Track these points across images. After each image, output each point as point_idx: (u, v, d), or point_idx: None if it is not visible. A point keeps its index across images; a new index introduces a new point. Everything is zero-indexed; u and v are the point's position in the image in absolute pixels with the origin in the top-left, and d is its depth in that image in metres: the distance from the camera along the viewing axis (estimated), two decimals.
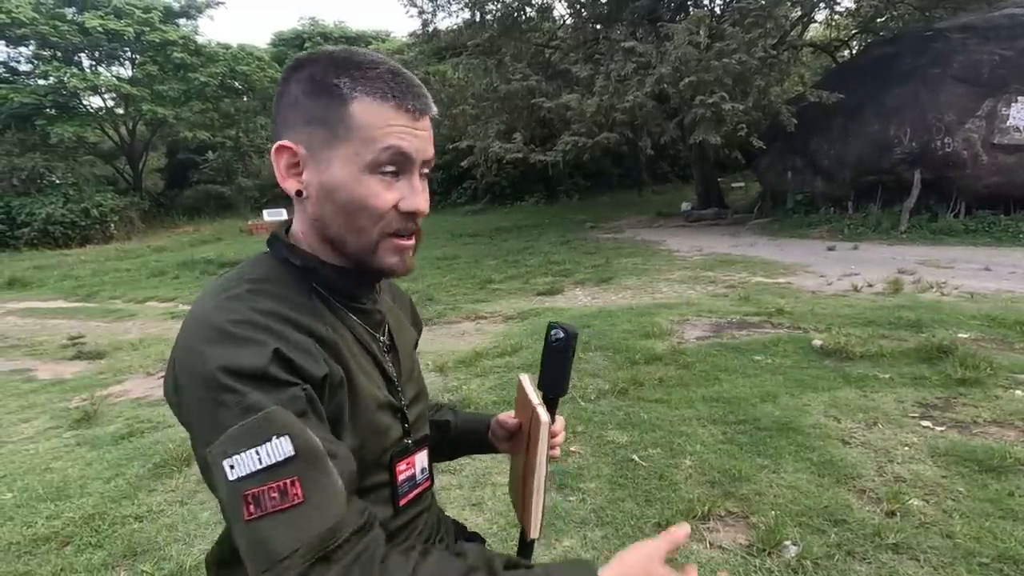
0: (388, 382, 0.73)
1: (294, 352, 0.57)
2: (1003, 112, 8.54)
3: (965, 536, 2.00)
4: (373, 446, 0.69)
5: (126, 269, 12.46)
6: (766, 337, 4.25)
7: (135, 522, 2.53)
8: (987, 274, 6.09)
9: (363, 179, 0.63)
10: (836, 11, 13.40)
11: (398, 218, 0.66)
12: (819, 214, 10.33)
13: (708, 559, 2.03)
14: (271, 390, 0.55)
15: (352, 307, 0.72)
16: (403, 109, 0.64)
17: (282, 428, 0.53)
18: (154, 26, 19.34)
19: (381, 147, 0.62)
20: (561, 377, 0.77)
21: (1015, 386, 3.13)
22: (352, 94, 0.62)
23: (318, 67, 0.64)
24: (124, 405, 4.21)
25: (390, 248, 0.67)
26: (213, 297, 0.62)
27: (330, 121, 0.63)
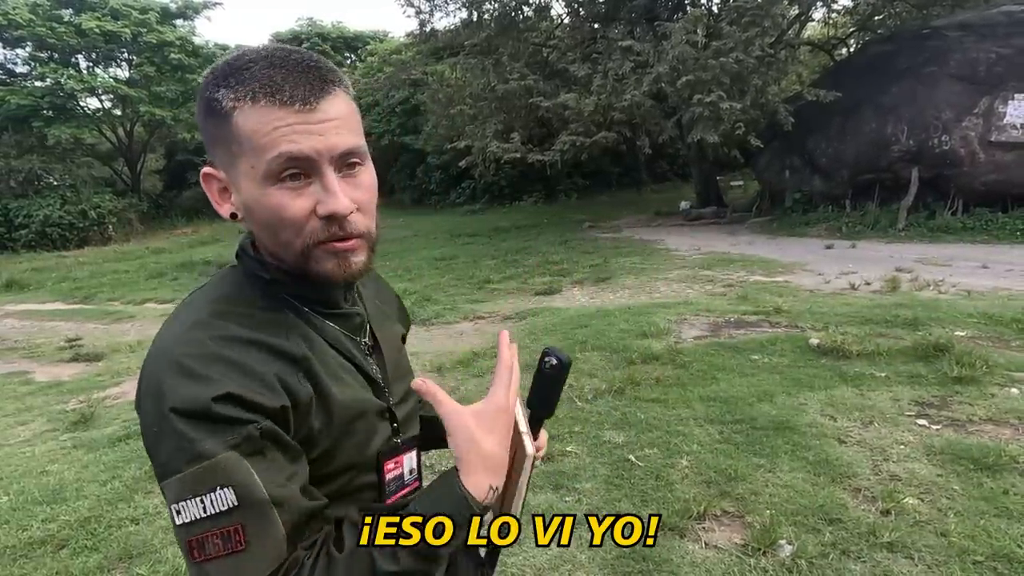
0: (372, 385, 0.72)
1: (249, 389, 0.56)
2: (1000, 110, 8.54)
3: (960, 534, 2.00)
4: (358, 451, 0.68)
5: (124, 271, 12.46)
6: (763, 336, 4.26)
7: (131, 525, 2.53)
8: (984, 272, 6.10)
9: (267, 192, 0.59)
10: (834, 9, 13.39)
11: (321, 226, 0.60)
12: (817, 212, 10.33)
13: (704, 559, 2.03)
14: (223, 431, 0.55)
15: (328, 313, 0.69)
16: (281, 104, 0.57)
17: (227, 479, 0.54)
18: (151, 27, 19.31)
19: (270, 156, 0.57)
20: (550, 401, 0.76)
21: (1011, 384, 3.13)
22: (229, 105, 0.58)
23: (206, 85, 0.61)
24: (121, 407, 4.21)
25: (322, 255, 0.62)
26: (178, 323, 0.62)
27: (223, 140, 0.60)
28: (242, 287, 0.66)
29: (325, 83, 0.59)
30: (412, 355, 3.61)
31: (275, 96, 0.57)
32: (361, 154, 0.62)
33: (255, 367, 0.58)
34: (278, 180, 0.58)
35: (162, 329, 0.63)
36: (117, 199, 19.65)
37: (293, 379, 0.61)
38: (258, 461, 0.56)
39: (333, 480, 0.66)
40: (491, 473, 0.61)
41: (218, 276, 0.69)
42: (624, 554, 2.08)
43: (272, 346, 0.61)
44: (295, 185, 0.59)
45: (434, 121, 14.54)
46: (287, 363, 0.61)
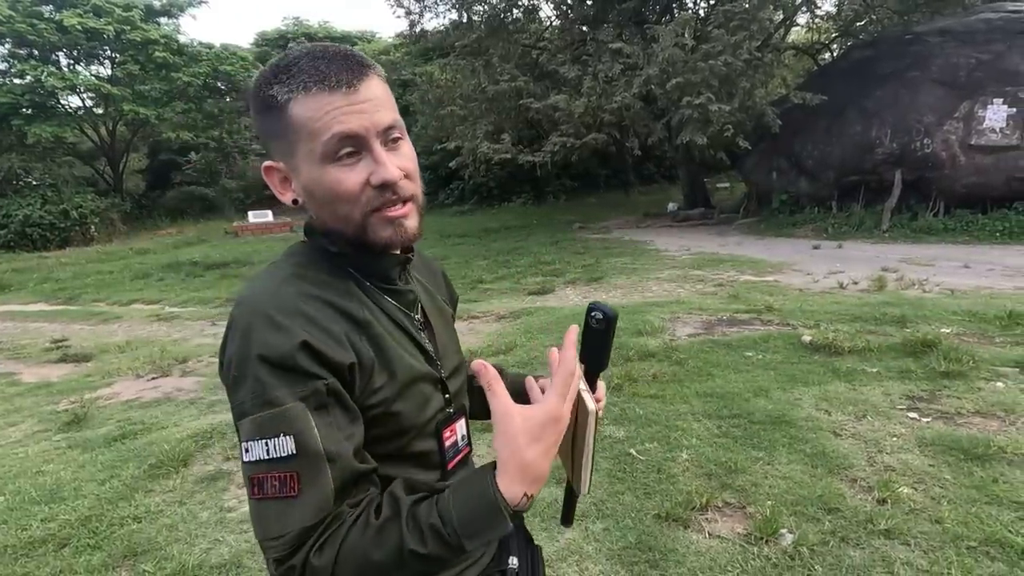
0: (426, 356, 0.77)
1: (323, 342, 0.62)
2: (979, 114, 8.77)
3: (953, 521, 2.07)
4: (418, 414, 0.73)
5: (108, 271, 12.26)
6: (756, 334, 4.33)
7: (133, 523, 2.51)
8: (966, 271, 6.26)
9: (325, 171, 0.66)
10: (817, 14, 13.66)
11: (375, 194, 0.67)
12: (804, 213, 10.51)
13: (708, 548, 2.07)
14: (295, 383, 0.60)
15: (386, 289, 0.75)
16: (331, 90, 0.64)
17: (290, 427, 0.59)
18: (135, 25, 19.05)
19: (325, 138, 0.64)
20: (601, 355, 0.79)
21: (996, 378, 3.23)
22: (284, 98, 0.65)
23: (259, 86, 0.67)
24: (115, 407, 4.16)
25: (379, 222, 0.69)
26: (265, 280, 0.69)
27: (281, 131, 0.66)
28: (313, 258, 0.72)
29: (363, 67, 0.67)
30: None
31: (324, 83, 0.64)
32: (400, 128, 0.70)
33: (329, 324, 0.65)
34: (334, 159, 0.65)
35: (249, 285, 0.69)
36: (99, 199, 19.34)
37: (357, 340, 0.67)
38: (321, 415, 0.61)
39: (391, 441, 0.71)
40: (529, 482, 0.61)
41: (291, 249, 0.75)
42: (630, 544, 2.12)
43: (341, 308, 0.68)
44: (349, 162, 0.66)
45: (423, 122, 14.56)
46: (353, 325, 0.68)
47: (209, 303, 8.39)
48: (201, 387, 4.50)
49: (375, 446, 0.68)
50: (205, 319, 7.39)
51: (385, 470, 0.68)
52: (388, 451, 0.70)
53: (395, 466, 0.71)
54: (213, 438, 3.30)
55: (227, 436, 3.30)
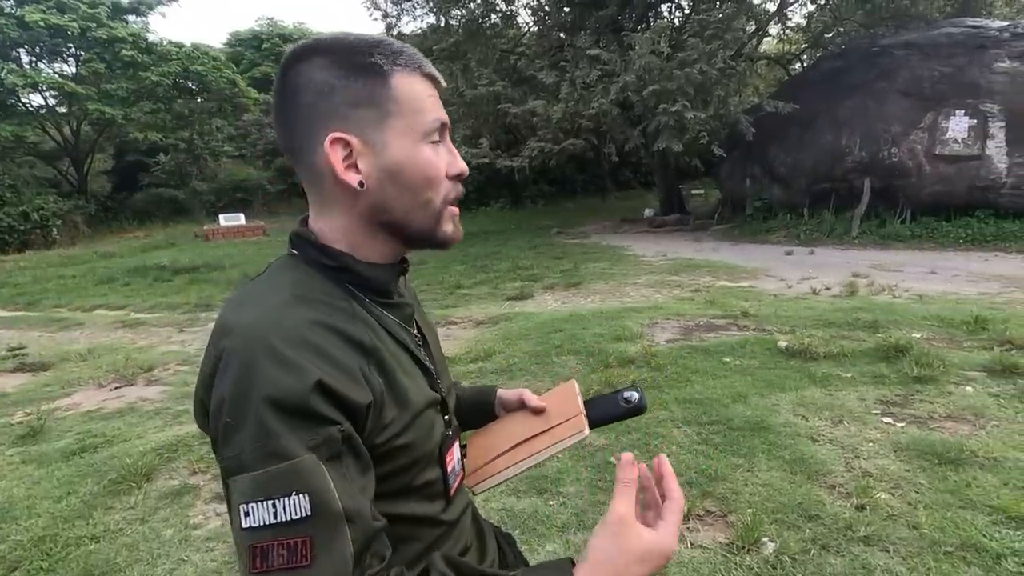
0: (428, 376, 0.72)
1: (339, 379, 0.55)
2: (943, 125, 9.07)
3: (930, 526, 2.09)
4: (426, 442, 0.68)
5: (71, 276, 11.81)
6: (733, 339, 4.36)
7: (91, 543, 2.38)
8: (933, 277, 6.43)
9: (420, 149, 0.64)
10: (788, 26, 14.02)
11: (451, 184, 0.67)
12: (777, 220, 10.71)
13: (690, 558, 2.05)
14: (306, 429, 0.52)
15: (385, 303, 0.70)
16: (429, 78, 0.65)
17: (304, 484, 0.51)
18: (101, 22, 18.50)
19: (430, 118, 0.64)
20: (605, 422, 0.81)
21: (966, 382, 3.30)
22: (391, 68, 0.62)
23: (349, 51, 0.62)
24: (74, 419, 3.97)
25: (449, 217, 0.68)
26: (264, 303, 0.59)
27: (378, 99, 0.62)
28: (307, 273, 0.65)
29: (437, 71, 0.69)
30: None
31: (425, 71, 0.65)
32: None
33: (343, 358, 0.57)
34: (428, 140, 0.64)
35: (242, 309, 0.60)
36: (62, 200, 18.69)
37: (368, 371, 0.60)
38: (335, 467, 0.53)
39: (400, 476, 0.65)
40: None
41: (277, 265, 0.67)
42: None
43: (349, 335, 0.60)
44: (435, 147, 0.65)
45: None
46: (362, 354, 0.60)
47: (177, 308, 8.13)
48: (167, 397, 4.33)
49: (382, 484, 0.61)
50: (173, 325, 7.15)
51: (388, 507, 0.62)
52: (396, 487, 0.64)
53: (398, 502, 0.65)
54: (179, 451, 3.17)
55: (193, 448, 3.17)
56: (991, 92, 8.84)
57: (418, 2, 13.17)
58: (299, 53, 0.63)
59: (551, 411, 0.83)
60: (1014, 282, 5.92)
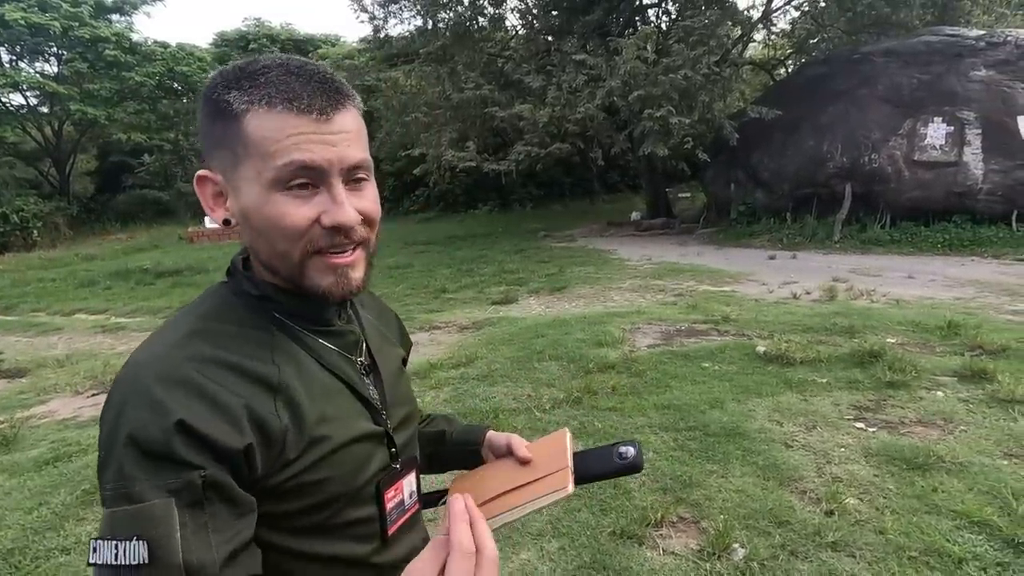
0: (368, 407, 0.68)
1: (206, 422, 0.53)
2: (922, 131, 9.23)
3: (896, 532, 2.13)
4: (351, 479, 0.65)
5: (51, 279, 11.63)
6: (713, 344, 4.41)
7: (61, 555, 2.35)
8: (911, 281, 6.54)
9: (271, 198, 0.58)
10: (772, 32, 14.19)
11: (324, 234, 0.60)
12: (760, 224, 10.82)
13: (662, 565, 2.07)
14: (163, 473, 0.51)
15: (320, 331, 0.67)
16: (298, 112, 0.57)
17: (145, 531, 0.50)
18: (83, 21, 18.28)
19: (281, 163, 0.57)
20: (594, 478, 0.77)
21: (936, 387, 3.36)
22: (241, 107, 0.58)
23: (214, 87, 0.60)
24: (49, 427, 3.92)
25: (320, 268, 0.61)
26: (156, 341, 0.60)
27: (229, 142, 0.59)
28: (229, 304, 0.64)
29: (341, 96, 0.60)
30: None
31: (293, 103, 0.57)
32: (368, 168, 0.63)
33: (223, 397, 0.55)
34: (285, 187, 0.58)
35: (145, 343, 0.60)
36: (43, 202, 18.42)
37: (266, 409, 0.58)
38: (194, 514, 0.52)
39: (314, 513, 0.62)
40: None
41: (206, 292, 0.67)
42: (585, 564, 2.09)
43: (249, 371, 0.58)
44: (301, 194, 0.58)
45: (388, 128, 14.41)
46: (263, 390, 0.58)
47: (159, 313, 8.04)
48: None
49: (295, 519, 0.60)
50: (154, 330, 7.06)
51: (310, 546, 0.61)
52: (312, 524, 0.62)
53: (317, 540, 0.62)
54: None
55: None
56: (968, 100, 9.01)
57: (405, 4, 13.16)
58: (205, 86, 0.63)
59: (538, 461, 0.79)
60: (988, 287, 6.03)
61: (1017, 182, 8.60)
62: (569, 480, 0.70)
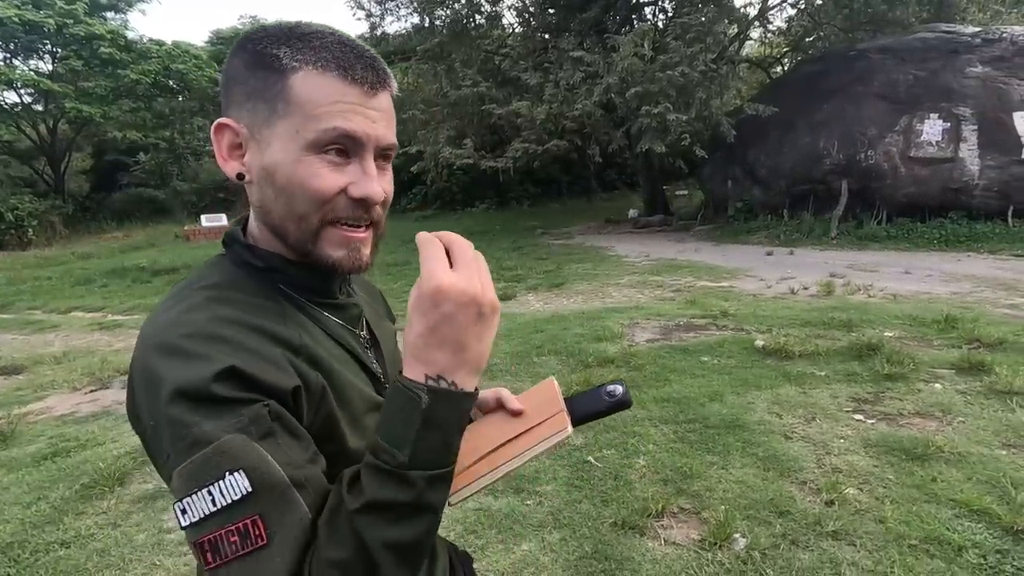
0: (374, 380, 0.69)
1: (256, 365, 0.52)
2: (918, 127, 9.26)
3: (896, 520, 2.14)
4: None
5: (47, 277, 11.58)
6: (712, 339, 4.42)
7: (61, 548, 2.34)
8: (907, 277, 6.57)
9: (304, 159, 0.57)
10: (769, 29, 14.21)
11: (347, 204, 0.59)
12: (758, 221, 10.85)
13: (663, 556, 2.07)
14: (226, 413, 0.49)
15: (326, 304, 0.67)
16: (351, 81, 0.57)
17: (235, 461, 0.47)
18: (78, 19, 18.15)
19: (324, 127, 0.56)
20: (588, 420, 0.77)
21: (934, 380, 3.38)
22: (292, 64, 0.57)
23: (259, 39, 0.59)
24: (46, 423, 3.90)
25: (335, 239, 0.60)
26: (167, 310, 0.57)
27: (269, 95, 0.58)
28: (234, 276, 0.62)
29: (386, 76, 0.61)
30: None
31: (347, 72, 0.57)
32: (394, 152, 0.64)
33: (260, 348, 0.54)
34: (321, 151, 0.57)
35: (148, 321, 0.58)
36: (38, 201, 18.30)
37: (299, 364, 0.57)
38: (270, 444, 0.50)
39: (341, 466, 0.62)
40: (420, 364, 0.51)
41: (204, 266, 0.65)
42: (586, 554, 2.10)
43: (272, 332, 0.57)
44: (335, 160, 0.58)
45: None
46: (290, 351, 0.57)
47: None
48: None
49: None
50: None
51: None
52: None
53: None
54: None
55: None
56: (964, 96, 9.04)
57: (402, 2, 13.15)
58: (241, 39, 0.62)
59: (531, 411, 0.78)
60: (984, 282, 6.06)
61: (1013, 178, 8.64)
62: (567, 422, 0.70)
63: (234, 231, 0.66)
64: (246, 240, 0.64)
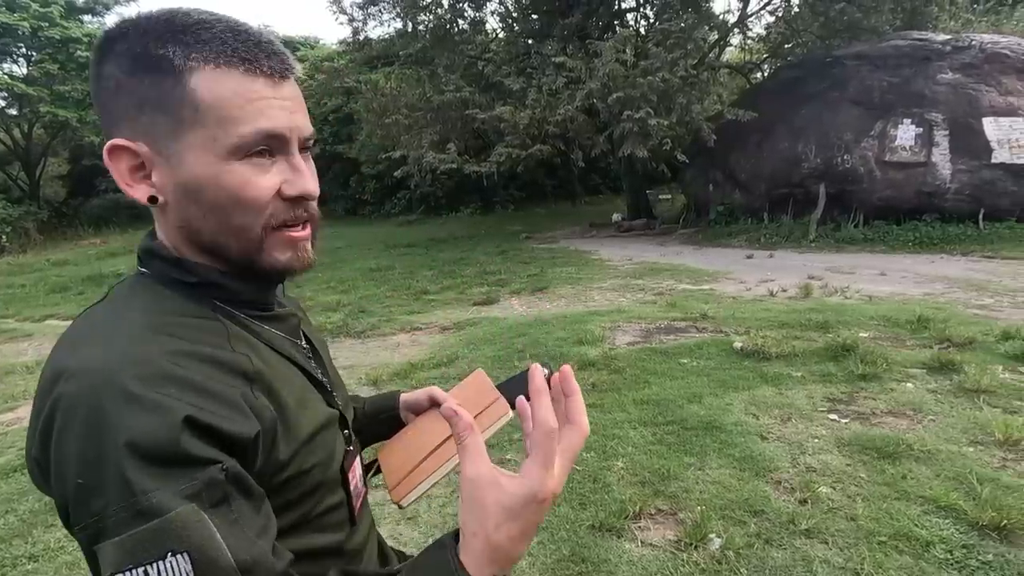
0: (323, 392, 0.67)
1: (218, 414, 0.48)
2: (892, 133, 9.46)
3: (867, 518, 2.18)
4: (328, 465, 0.63)
5: (20, 285, 11.32)
6: (691, 341, 4.46)
7: (29, 562, 2.29)
8: (883, 278, 6.70)
9: (228, 168, 0.52)
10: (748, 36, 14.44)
11: (284, 206, 0.56)
12: (738, 224, 10.98)
13: (640, 557, 2.09)
14: (181, 476, 0.45)
15: (265, 316, 0.63)
16: (258, 74, 0.52)
17: (181, 541, 0.43)
18: (54, 22, 17.85)
19: (245, 130, 0.52)
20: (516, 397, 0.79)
21: (907, 379, 3.45)
22: (187, 64, 0.51)
23: (135, 37, 0.52)
24: (16, 434, 3.81)
25: (280, 243, 0.57)
26: (107, 342, 0.50)
27: (167, 104, 0.51)
28: (162, 295, 0.56)
29: (289, 60, 0.56)
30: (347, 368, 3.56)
31: (252, 64, 0.52)
32: (312, 142, 0.60)
33: (217, 388, 0.50)
34: (243, 155, 0.53)
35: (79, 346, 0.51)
36: (12, 207, 17.89)
37: (254, 399, 0.53)
38: (222, 514, 0.46)
39: (301, 505, 0.59)
40: (498, 565, 0.48)
41: (125, 287, 0.59)
42: (564, 557, 2.10)
43: (224, 361, 0.52)
44: (261, 162, 0.54)
45: (368, 130, 14.33)
46: (243, 381, 0.53)
47: None
48: None
49: (282, 517, 0.54)
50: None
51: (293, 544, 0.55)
52: (295, 519, 0.58)
53: (296, 537, 0.57)
54: None
55: None
56: (935, 102, 9.26)
57: (385, 7, 13.11)
58: (104, 40, 0.54)
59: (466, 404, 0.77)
60: (956, 283, 6.20)
61: (983, 182, 8.86)
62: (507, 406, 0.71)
63: (151, 245, 0.59)
64: (171, 254, 0.58)
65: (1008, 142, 8.84)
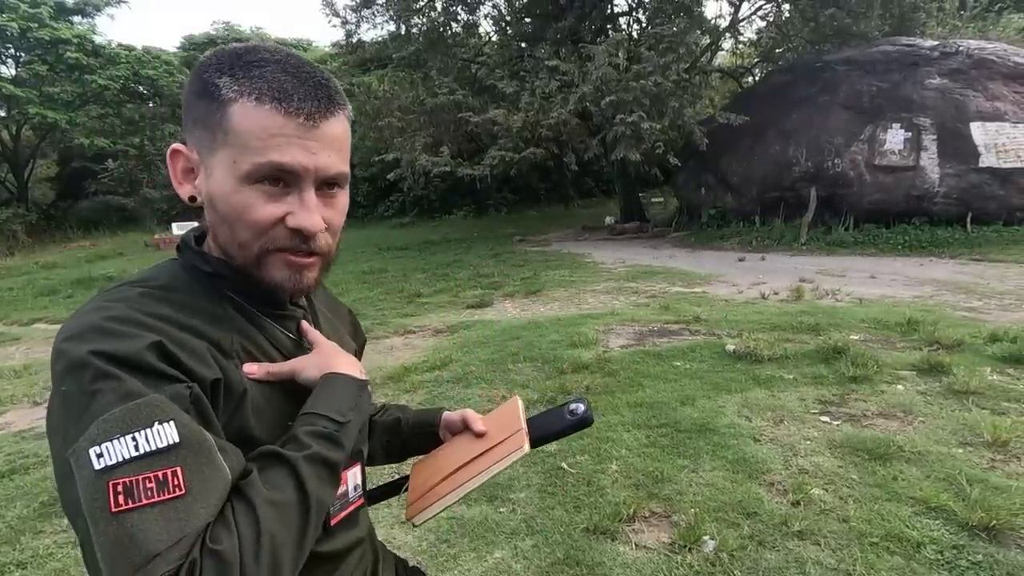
0: None
1: (179, 349, 0.53)
2: (881, 137, 9.57)
3: (858, 519, 2.19)
4: None
5: (8, 288, 11.19)
6: (684, 344, 4.48)
7: (17, 569, 2.26)
8: (873, 281, 6.76)
9: (241, 190, 0.58)
10: (740, 40, 14.55)
11: (287, 234, 0.60)
12: (730, 227, 11.05)
13: (634, 559, 2.09)
14: (152, 382, 0.50)
15: (272, 313, 0.68)
16: (287, 114, 0.57)
17: (166, 413, 0.48)
18: (43, 22, 17.71)
19: (258, 160, 0.57)
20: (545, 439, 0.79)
21: (897, 381, 3.48)
22: (230, 95, 0.58)
23: (207, 66, 0.60)
24: (4, 439, 3.76)
25: (278, 263, 0.62)
26: (98, 300, 0.57)
27: (211, 124, 0.59)
28: (180, 278, 0.63)
29: (332, 103, 0.60)
30: None
31: (282, 103, 0.57)
32: (344, 180, 0.64)
33: (185, 338, 0.55)
34: (255, 181, 0.58)
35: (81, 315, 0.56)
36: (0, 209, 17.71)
37: (222, 359, 0.58)
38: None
39: None
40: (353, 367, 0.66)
41: (153, 267, 0.66)
42: (558, 560, 2.10)
43: (203, 332, 0.58)
44: (271, 190, 0.59)
45: (361, 133, 14.31)
46: (218, 352, 0.58)
47: None
48: None
49: None
50: None
51: None
52: None
53: None
54: None
55: None
56: (924, 107, 9.38)
57: (378, 10, 13.11)
58: (198, 63, 0.63)
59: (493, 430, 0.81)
60: (945, 285, 6.27)
61: (971, 185, 8.97)
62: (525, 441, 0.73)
63: (187, 236, 0.67)
64: (199, 247, 0.66)
65: (995, 146, 8.96)
